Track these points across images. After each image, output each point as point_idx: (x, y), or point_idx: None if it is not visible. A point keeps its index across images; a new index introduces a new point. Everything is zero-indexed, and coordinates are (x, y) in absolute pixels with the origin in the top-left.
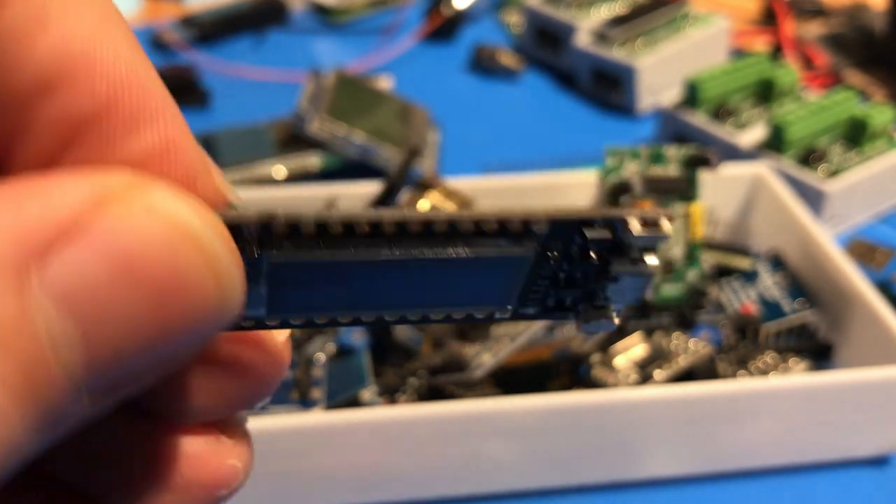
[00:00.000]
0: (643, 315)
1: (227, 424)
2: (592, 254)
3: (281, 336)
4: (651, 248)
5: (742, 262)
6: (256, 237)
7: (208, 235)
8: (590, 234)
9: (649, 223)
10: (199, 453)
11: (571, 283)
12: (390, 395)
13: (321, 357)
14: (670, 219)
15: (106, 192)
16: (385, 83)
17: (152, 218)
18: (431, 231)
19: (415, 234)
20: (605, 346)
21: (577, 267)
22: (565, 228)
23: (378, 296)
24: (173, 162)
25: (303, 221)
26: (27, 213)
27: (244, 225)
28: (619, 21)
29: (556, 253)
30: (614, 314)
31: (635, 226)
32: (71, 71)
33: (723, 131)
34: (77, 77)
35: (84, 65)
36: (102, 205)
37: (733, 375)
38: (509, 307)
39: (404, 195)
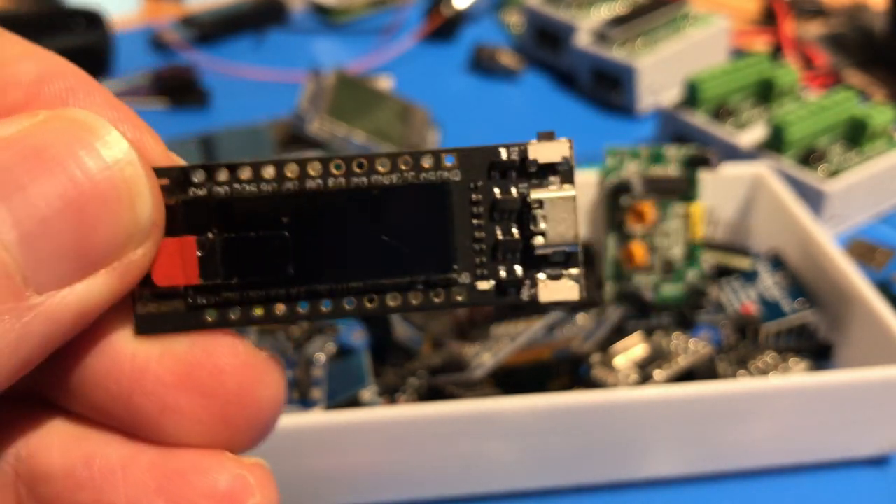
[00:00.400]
0: (643, 315)
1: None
2: (513, 189)
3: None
4: (564, 175)
5: (742, 262)
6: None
7: (107, 130)
8: (503, 154)
9: (545, 137)
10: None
11: (508, 234)
12: (390, 395)
13: (321, 357)
14: (569, 144)
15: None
16: (385, 83)
17: (53, 120)
18: (352, 168)
19: (339, 175)
20: (605, 346)
21: (502, 214)
22: (475, 156)
23: (321, 267)
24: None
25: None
26: None
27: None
28: (619, 21)
29: (476, 186)
30: (574, 282)
31: (536, 148)
32: None
33: (723, 131)
34: None
35: None
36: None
37: (733, 375)
38: (460, 278)
39: None
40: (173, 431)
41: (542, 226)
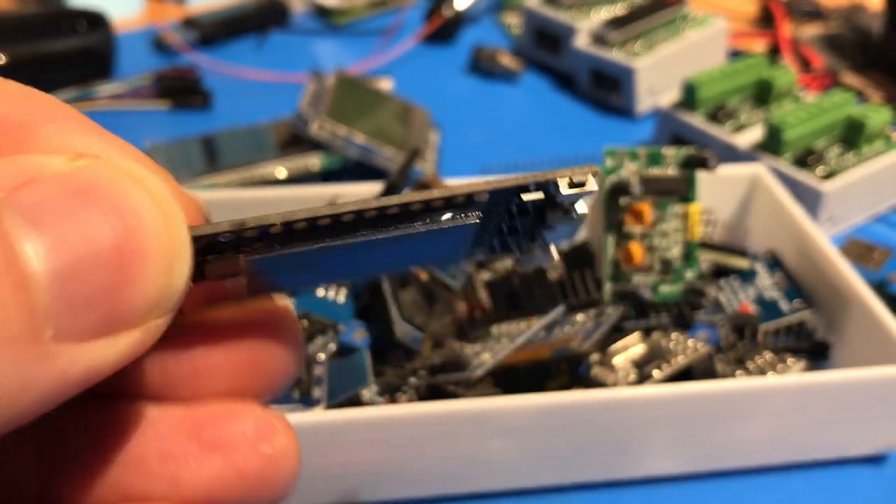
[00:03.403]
0: (642, 315)
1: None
2: (530, 209)
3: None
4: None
5: (740, 263)
6: (233, 241)
7: (156, 183)
8: (526, 197)
9: (576, 184)
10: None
11: (514, 231)
12: (391, 394)
13: (322, 356)
14: (595, 174)
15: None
16: (385, 84)
17: (102, 164)
18: (386, 214)
19: (372, 219)
20: (604, 345)
21: (516, 221)
22: (504, 195)
23: (347, 270)
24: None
25: (271, 221)
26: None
27: (220, 232)
28: (617, 23)
29: (498, 212)
30: (552, 249)
31: (564, 186)
32: None
33: (721, 132)
34: None
35: None
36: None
37: (731, 375)
38: (460, 257)
39: None
40: (203, 388)
41: (548, 237)
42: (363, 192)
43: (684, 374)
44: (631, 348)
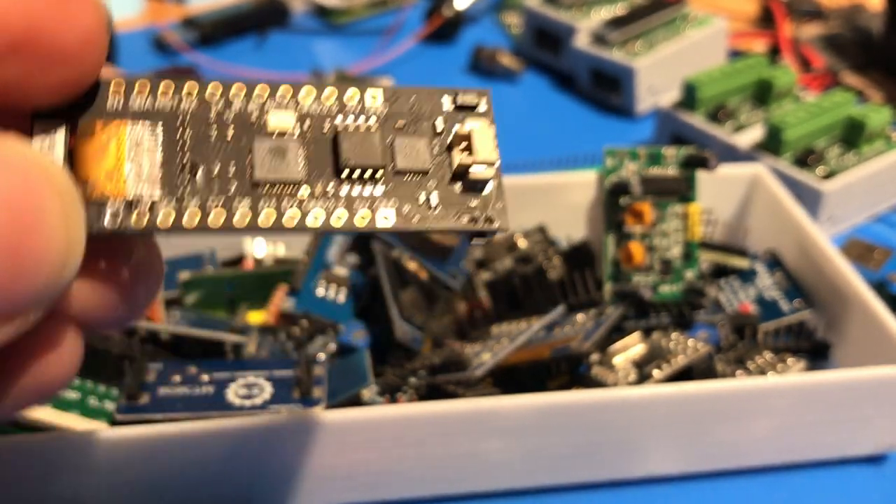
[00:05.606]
0: (642, 314)
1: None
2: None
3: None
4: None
5: (740, 262)
6: None
7: (64, 179)
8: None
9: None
10: None
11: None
12: (391, 394)
13: (322, 356)
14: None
15: None
16: (385, 84)
17: (15, 154)
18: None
19: None
20: (604, 345)
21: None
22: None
23: None
24: None
25: None
26: None
27: None
28: (618, 22)
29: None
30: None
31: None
32: None
33: (721, 132)
34: None
35: None
36: None
37: (731, 374)
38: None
39: None
40: None
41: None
42: None
43: (684, 374)
44: (631, 348)
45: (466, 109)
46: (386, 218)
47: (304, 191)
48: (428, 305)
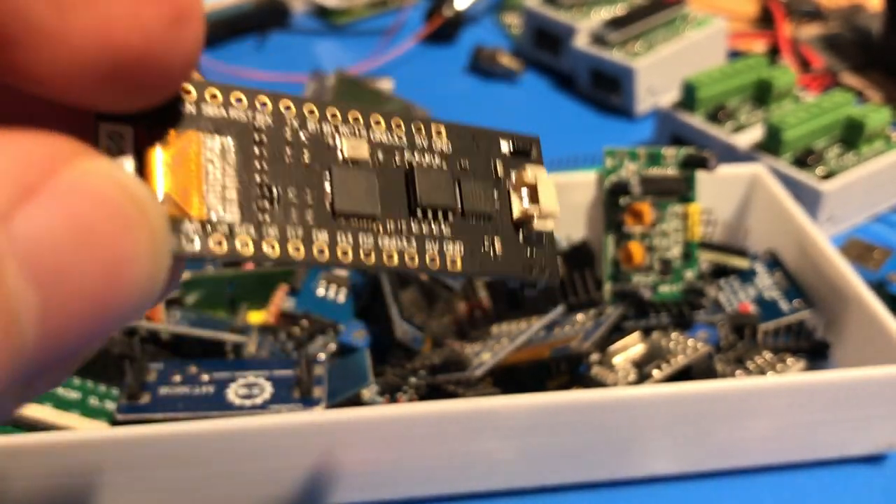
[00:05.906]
0: (642, 314)
1: None
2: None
3: None
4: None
5: (739, 262)
6: None
7: (155, 207)
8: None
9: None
10: None
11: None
12: (391, 394)
13: (322, 356)
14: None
15: (57, 154)
16: (386, 84)
17: (107, 183)
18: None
19: None
20: (604, 345)
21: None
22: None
23: None
24: None
25: None
26: None
27: None
28: (617, 23)
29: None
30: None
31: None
32: None
33: (720, 132)
34: None
35: None
36: (58, 168)
37: (731, 374)
38: None
39: None
40: None
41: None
42: None
43: (684, 374)
44: (631, 348)
45: (522, 155)
46: (454, 261)
47: (379, 226)
48: (428, 305)
